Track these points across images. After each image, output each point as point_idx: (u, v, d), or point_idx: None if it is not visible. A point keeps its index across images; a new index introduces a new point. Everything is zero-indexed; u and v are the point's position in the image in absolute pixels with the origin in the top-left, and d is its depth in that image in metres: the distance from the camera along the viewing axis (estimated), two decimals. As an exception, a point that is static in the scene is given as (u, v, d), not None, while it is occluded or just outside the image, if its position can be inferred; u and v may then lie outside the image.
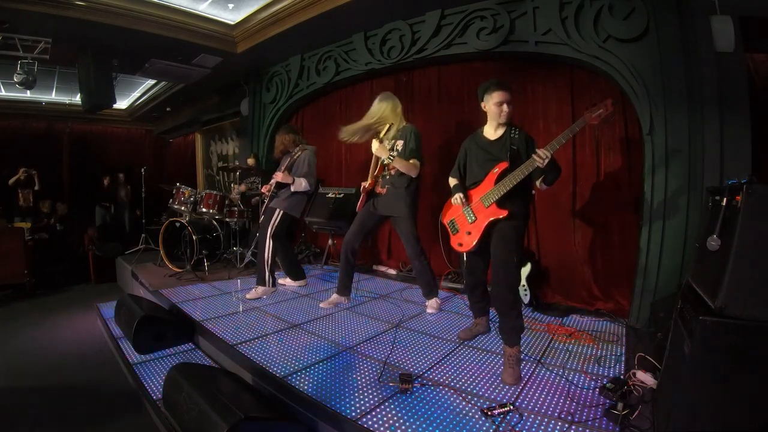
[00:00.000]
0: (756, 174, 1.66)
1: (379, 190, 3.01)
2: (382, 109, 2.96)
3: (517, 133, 2.25)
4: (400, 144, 2.92)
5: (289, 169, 3.49)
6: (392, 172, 2.96)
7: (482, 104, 2.30)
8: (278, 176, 3.39)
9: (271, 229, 3.46)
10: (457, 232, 2.34)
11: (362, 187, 3.08)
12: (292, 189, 3.43)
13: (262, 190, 3.65)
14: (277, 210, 3.48)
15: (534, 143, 2.26)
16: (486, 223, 2.20)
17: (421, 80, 4.41)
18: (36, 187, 6.65)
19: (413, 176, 2.91)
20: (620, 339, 2.59)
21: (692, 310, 1.47)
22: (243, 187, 4.78)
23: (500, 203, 2.16)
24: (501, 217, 2.15)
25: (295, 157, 3.47)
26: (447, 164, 2.60)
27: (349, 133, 3.01)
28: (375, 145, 2.85)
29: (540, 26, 3.23)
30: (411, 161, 2.87)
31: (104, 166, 8.50)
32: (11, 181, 6.52)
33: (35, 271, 5.03)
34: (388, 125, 2.95)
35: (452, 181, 2.48)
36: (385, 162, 2.88)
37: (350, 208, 4.30)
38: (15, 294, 4.78)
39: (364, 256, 4.96)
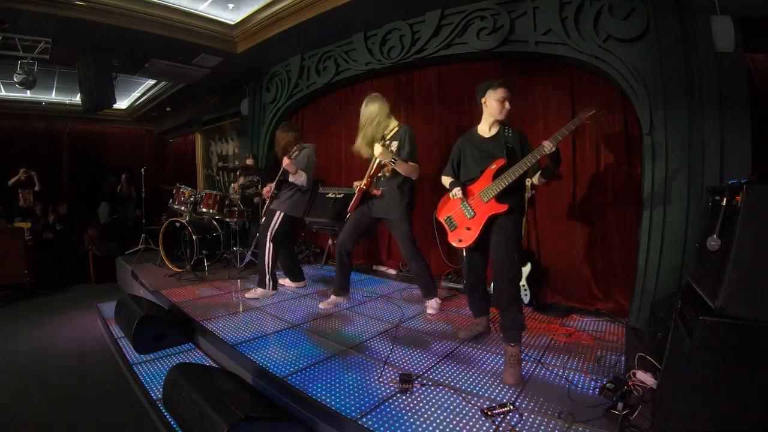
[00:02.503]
0: (756, 174, 1.66)
1: (374, 191, 2.98)
2: (376, 112, 2.91)
3: (510, 131, 2.31)
4: (394, 145, 2.87)
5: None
6: (387, 173, 2.93)
7: (482, 100, 2.31)
8: (285, 161, 3.29)
9: (271, 232, 3.42)
10: (456, 228, 2.35)
11: (356, 187, 3.06)
12: (291, 179, 3.34)
13: (264, 192, 3.62)
14: (278, 212, 3.44)
15: (527, 140, 2.33)
16: (486, 218, 2.22)
17: (421, 80, 4.41)
18: (36, 188, 6.65)
19: (413, 178, 2.90)
20: (620, 339, 2.59)
21: (692, 310, 1.47)
22: (241, 180, 4.74)
23: (499, 198, 2.19)
24: (501, 212, 2.18)
25: (296, 152, 3.40)
26: (446, 164, 2.61)
27: (362, 146, 2.95)
28: (378, 148, 2.79)
29: (540, 26, 3.22)
30: (410, 164, 2.85)
31: (104, 166, 8.51)
32: (11, 181, 6.51)
33: (35, 271, 5.03)
34: (391, 128, 2.92)
35: (446, 179, 2.49)
36: (387, 164, 2.83)
37: (350, 208, 4.29)
38: (15, 294, 4.77)
39: (364, 255, 4.96)
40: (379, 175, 2.97)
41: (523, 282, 3.16)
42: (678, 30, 2.68)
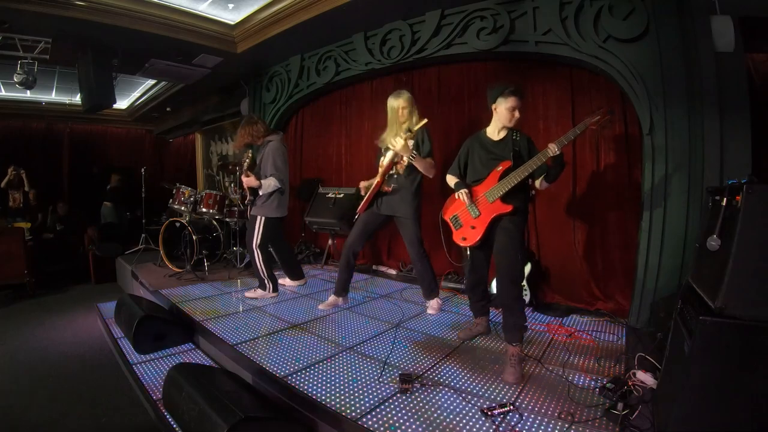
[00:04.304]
0: (756, 174, 1.66)
1: (385, 188, 2.94)
2: (410, 104, 2.86)
3: (518, 135, 2.34)
4: (411, 143, 2.79)
5: (257, 168, 3.34)
6: (400, 171, 2.90)
7: (492, 106, 2.32)
8: (245, 180, 3.20)
9: (256, 239, 3.34)
10: (461, 226, 2.37)
11: (362, 187, 3.04)
12: (261, 192, 3.27)
13: (233, 193, 3.47)
14: (258, 218, 3.34)
15: (534, 144, 2.36)
16: (491, 218, 2.25)
17: (421, 80, 4.41)
18: (26, 188, 6.57)
19: (430, 176, 2.87)
20: (620, 339, 2.60)
21: (692, 310, 1.47)
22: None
23: (504, 199, 2.22)
24: (505, 212, 2.21)
25: (259, 156, 3.25)
26: (447, 164, 2.61)
27: (391, 138, 2.84)
28: (400, 141, 2.66)
29: (540, 26, 3.22)
30: (429, 160, 2.81)
31: (105, 166, 8.50)
32: (3, 183, 6.42)
33: (35, 271, 5.03)
34: (417, 122, 2.81)
35: (452, 179, 2.49)
36: (406, 159, 2.75)
37: (350, 208, 4.28)
38: (15, 294, 4.77)
39: (364, 255, 4.96)
40: (392, 172, 2.93)
41: (523, 282, 3.16)
42: (678, 30, 2.68)
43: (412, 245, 2.97)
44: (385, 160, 2.91)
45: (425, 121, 2.74)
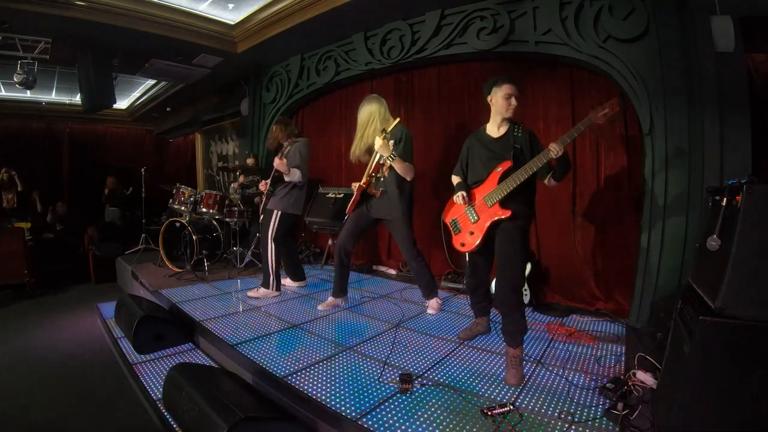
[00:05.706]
0: (756, 174, 1.66)
1: (372, 191, 2.96)
2: (375, 112, 2.89)
3: (520, 131, 2.23)
4: (391, 144, 2.79)
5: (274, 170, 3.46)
6: (386, 174, 2.90)
7: (489, 98, 2.26)
8: (276, 162, 3.29)
9: (272, 232, 3.40)
10: (460, 231, 2.32)
11: (354, 187, 3.04)
12: (286, 179, 3.36)
13: (260, 187, 3.61)
14: (275, 211, 3.42)
15: (537, 138, 2.26)
16: (489, 223, 2.17)
17: (421, 80, 4.41)
18: (19, 188, 6.52)
19: (408, 179, 2.86)
20: (620, 339, 2.59)
21: (692, 310, 1.47)
22: (242, 178, 4.78)
23: (503, 203, 2.14)
24: (504, 217, 2.13)
25: (287, 148, 3.40)
26: (447, 164, 2.62)
27: (360, 148, 2.96)
28: (378, 141, 2.71)
29: (540, 26, 3.22)
30: (407, 163, 2.81)
31: (104, 166, 8.49)
32: None
33: (35, 271, 5.03)
34: (392, 124, 2.85)
35: (455, 179, 2.46)
36: (385, 160, 2.77)
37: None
38: (15, 294, 4.77)
39: (364, 255, 4.96)
40: (378, 175, 2.94)
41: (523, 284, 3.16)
42: (678, 30, 2.68)
43: (404, 246, 2.98)
44: (372, 162, 2.92)
45: (398, 120, 2.83)
